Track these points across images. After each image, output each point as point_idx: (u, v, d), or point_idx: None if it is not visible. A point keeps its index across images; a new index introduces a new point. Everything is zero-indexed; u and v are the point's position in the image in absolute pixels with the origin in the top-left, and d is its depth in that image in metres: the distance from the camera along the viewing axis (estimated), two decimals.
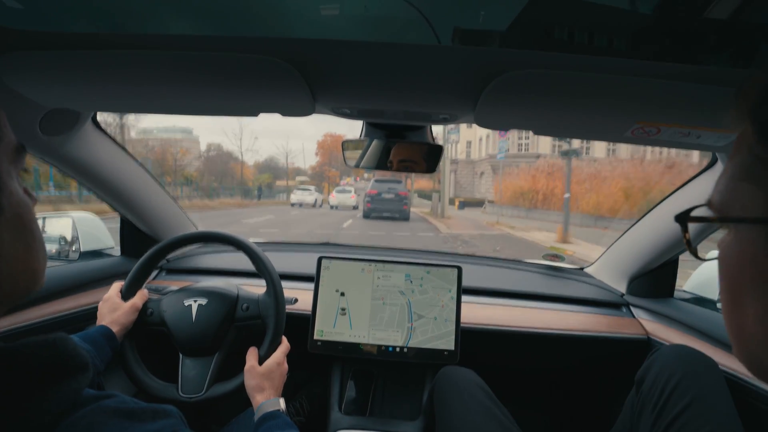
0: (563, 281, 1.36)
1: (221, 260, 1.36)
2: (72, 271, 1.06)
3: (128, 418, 0.35)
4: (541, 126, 0.80)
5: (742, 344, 0.30)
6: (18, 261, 0.35)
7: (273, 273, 0.90)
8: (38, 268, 0.37)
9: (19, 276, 0.35)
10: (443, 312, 1.06)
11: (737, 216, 0.28)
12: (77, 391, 0.34)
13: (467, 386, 0.87)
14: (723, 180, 0.30)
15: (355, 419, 1.02)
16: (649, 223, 1.15)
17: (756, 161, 0.27)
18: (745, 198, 0.27)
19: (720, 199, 0.30)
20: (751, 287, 0.28)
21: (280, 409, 0.75)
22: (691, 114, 0.65)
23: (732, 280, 0.30)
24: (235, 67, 0.62)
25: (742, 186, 0.28)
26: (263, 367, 0.81)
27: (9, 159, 0.34)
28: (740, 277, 0.29)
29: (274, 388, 0.80)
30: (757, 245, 0.27)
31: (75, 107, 0.84)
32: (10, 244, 0.34)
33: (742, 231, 0.28)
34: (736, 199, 0.28)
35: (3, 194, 0.33)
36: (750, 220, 0.27)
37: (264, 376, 0.80)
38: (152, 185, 1.19)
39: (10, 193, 0.34)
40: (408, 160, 0.98)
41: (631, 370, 0.88)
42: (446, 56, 0.58)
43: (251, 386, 0.79)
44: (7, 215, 0.33)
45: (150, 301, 0.92)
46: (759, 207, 0.26)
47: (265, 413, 0.73)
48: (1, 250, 0.33)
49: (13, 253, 0.34)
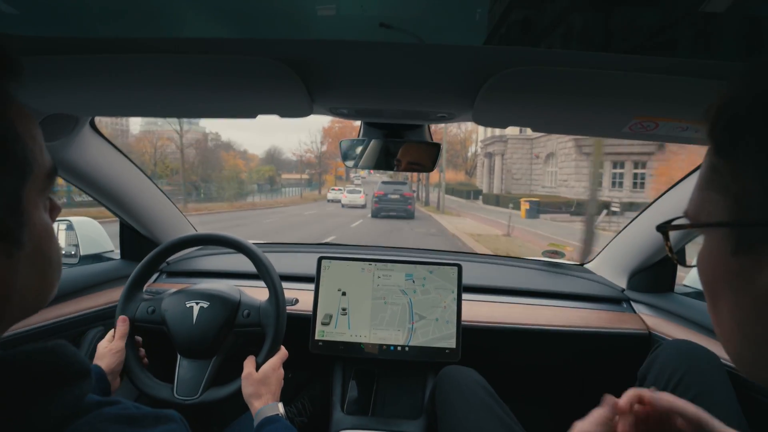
0: (564, 277, 1.36)
1: (221, 262, 1.36)
2: (72, 275, 1.06)
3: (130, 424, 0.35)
4: (540, 123, 0.80)
5: (723, 338, 0.32)
6: (30, 290, 0.35)
7: (274, 275, 0.90)
8: (51, 290, 0.37)
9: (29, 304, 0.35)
10: (445, 313, 1.06)
11: (705, 222, 0.32)
12: (79, 398, 0.34)
13: (469, 385, 0.87)
14: (694, 191, 0.33)
15: (358, 419, 1.02)
16: (648, 218, 1.15)
17: (714, 172, 0.30)
18: (711, 205, 0.31)
19: (693, 208, 0.33)
20: (723, 286, 0.31)
21: (279, 414, 0.75)
22: (689, 108, 0.65)
23: (708, 280, 0.33)
24: (232, 69, 0.62)
25: (708, 195, 0.31)
26: (259, 374, 0.82)
27: (39, 188, 0.34)
28: (713, 277, 0.32)
29: (271, 393, 0.80)
30: (722, 247, 0.30)
31: (73, 112, 0.84)
32: (25, 277, 0.34)
33: (711, 235, 0.32)
34: (704, 207, 0.32)
35: (25, 229, 0.32)
36: (714, 224, 0.30)
37: (260, 383, 0.80)
38: (151, 188, 1.19)
39: (33, 225, 0.33)
40: (406, 159, 0.98)
41: (633, 366, 0.88)
42: (443, 55, 0.58)
43: (248, 394, 0.79)
44: (27, 249, 0.33)
45: (151, 300, 0.92)
46: (721, 212, 0.29)
47: (265, 418, 0.74)
48: (15, 284, 0.33)
49: (28, 284, 0.34)
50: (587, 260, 1.46)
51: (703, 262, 0.33)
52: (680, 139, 0.76)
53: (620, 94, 0.63)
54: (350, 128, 16.38)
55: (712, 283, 0.32)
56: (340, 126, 29.85)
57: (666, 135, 0.74)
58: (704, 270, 0.33)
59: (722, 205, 0.29)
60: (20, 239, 0.32)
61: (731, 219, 0.29)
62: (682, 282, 1.27)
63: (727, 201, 0.29)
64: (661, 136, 0.75)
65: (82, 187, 1.03)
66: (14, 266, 0.32)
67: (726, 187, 0.29)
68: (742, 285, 0.28)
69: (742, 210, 0.28)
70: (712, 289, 0.32)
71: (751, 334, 0.29)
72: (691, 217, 0.34)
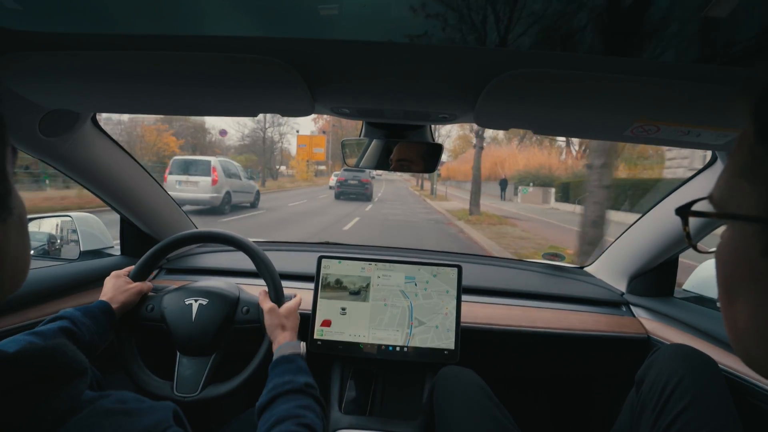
0: (563, 280, 1.36)
1: (221, 260, 1.36)
2: (72, 271, 1.07)
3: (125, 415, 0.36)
4: (541, 125, 0.80)
5: (736, 337, 0.30)
6: (19, 260, 0.36)
7: (273, 273, 0.90)
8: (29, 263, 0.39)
9: (18, 275, 0.36)
10: (446, 321, 1.05)
11: (733, 212, 0.28)
12: (75, 397, 0.35)
13: (467, 386, 0.87)
14: (724, 176, 0.30)
15: (355, 419, 1.02)
16: (648, 222, 1.15)
17: (753, 159, 0.27)
18: (742, 195, 0.28)
19: (720, 194, 0.30)
20: (744, 284, 0.28)
21: (300, 353, 0.76)
22: (690, 112, 0.65)
23: (726, 275, 0.30)
24: (234, 68, 0.62)
25: (740, 183, 0.28)
26: (283, 309, 0.83)
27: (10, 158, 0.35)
28: (734, 273, 0.29)
29: (293, 329, 0.81)
30: (749, 243, 0.27)
31: (74, 108, 0.84)
32: (15, 244, 0.35)
33: (738, 228, 0.29)
34: (734, 196, 0.28)
35: (11, 196, 0.34)
36: (744, 217, 0.27)
37: (285, 316, 0.82)
38: (152, 185, 1.19)
39: (14, 193, 0.35)
40: (407, 160, 0.99)
41: (631, 370, 0.88)
42: (445, 56, 0.58)
43: (274, 325, 0.81)
44: (14, 217, 0.34)
45: (151, 298, 0.92)
46: (753, 205, 0.27)
47: (282, 356, 0.74)
48: (8, 251, 0.34)
49: (16, 253, 0.35)
50: (587, 263, 1.46)
51: (725, 257, 0.30)
52: (681, 143, 0.76)
53: (623, 98, 0.63)
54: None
55: (732, 280, 0.29)
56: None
57: (667, 139, 0.74)
58: (725, 265, 0.30)
59: (756, 198, 0.26)
60: (9, 205, 0.33)
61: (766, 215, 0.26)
62: (681, 286, 1.27)
63: (762, 194, 0.26)
64: (663, 140, 0.75)
65: (83, 183, 1.03)
66: (6, 233, 0.33)
67: (764, 178, 0.26)
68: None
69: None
70: (730, 286, 0.30)
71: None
72: (716, 204, 0.30)
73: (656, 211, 1.13)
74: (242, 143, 31.03)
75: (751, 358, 0.29)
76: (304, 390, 0.68)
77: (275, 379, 0.69)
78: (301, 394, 0.67)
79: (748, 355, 0.29)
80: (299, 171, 30.52)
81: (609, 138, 0.85)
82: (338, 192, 16.48)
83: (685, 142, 0.74)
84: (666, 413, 0.72)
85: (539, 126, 0.80)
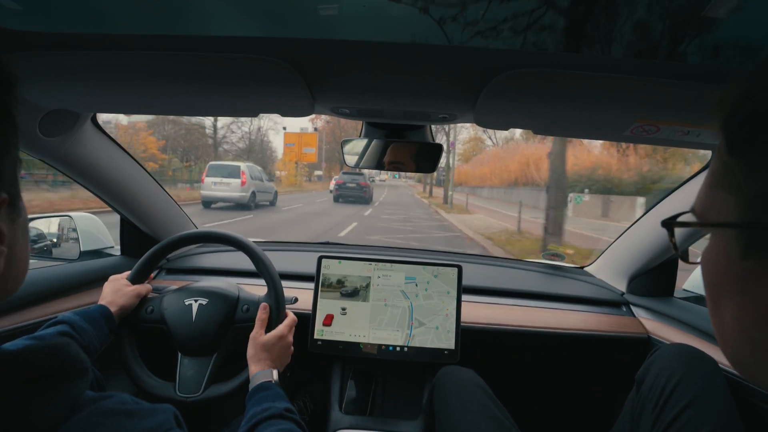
0: (563, 280, 1.36)
1: (221, 260, 1.36)
2: (72, 271, 1.07)
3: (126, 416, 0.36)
4: (541, 125, 0.80)
5: (724, 342, 0.31)
6: (22, 261, 0.37)
7: (273, 273, 0.90)
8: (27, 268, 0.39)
9: (20, 275, 0.37)
10: (446, 322, 1.05)
11: (713, 221, 0.30)
12: (76, 396, 0.35)
13: (467, 386, 0.87)
14: (703, 188, 0.32)
15: (356, 419, 1.02)
16: (648, 222, 1.15)
17: (726, 170, 0.29)
18: (720, 204, 0.29)
19: (701, 205, 0.32)
20: (727, 287, 0.30)
21: (272, 381, 0.75)
22: (690, 112, 0.65)
23: (711, 281, 0.32)
24: (235, 68, 0.62)
25: (718, 193, 0.30)
26: (264, 338, 0.83)
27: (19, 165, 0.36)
28: (717, 278, 0.31)
29: (271, 360, 0.81)
30: (730, 248, 0.28)
31: (74, 108, 0.84)
32: (21, 246, 0.36)
33: (719, 235, 0.30)
34: (713, 206, 0.30)
35: (20, 199, 0.35)
36: (723, 224, 0.29)
37: (263, 347, 0.81)
38: (152, 185, 1.19)
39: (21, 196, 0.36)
40: (407, 160, 0.99)
41: (632, 370, 0.88)
42: (445, 56, 0.58)
43: (249, 355, 0.81)
44: (21, 219, 0.36)
45: (150, 299, 0.92)
46: (731, 212, 0.28)
47: (258, 384, 0.74)
48: (15, 252, 0.35)
49: (21, 254, 0.36)
50: (587, 263, 1.46)
51: (709, 263, 0.31)
52: (681, 142, 0.76)
53: (623, 98, 0.63)
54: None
55: (716, 284, 0.31)
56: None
57: (667, 138, 0.74)
58: (709, 271, 0.32)
59: (732, 205, 0.28)
60: (19, 206, 0.35)
61: (741, 220, 0.27)
62: (681, 286, 1.27)
63: (737, 201, 0.27)
64: (662, 140, 0.75)
65: (83, 183, 1.03)
66: (16, 232, 0.35)
67: (737, 186, 0.27)
68: (750, 289, 0.27)
69: (753, 212, 0.26)
70: (715, 290, 0.31)
71: (756, 339, 0.28)
72: (698, 214, 0.32)
73: (656, 211, 1.13)
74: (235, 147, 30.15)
75: (738, 362, 0.30)
76: (284, 415, 0.66)
77: (254, 408, 0.67)
78: (281, 418, 0.65)
79: (735, 359, 0.31)
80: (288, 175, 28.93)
81: (609, 138, 0.85)
82: (336, 195, 16.44)
83: (685, 141, 0.74)
84: (666, 413, 0.72)
85: (539, 126, 0.80)
